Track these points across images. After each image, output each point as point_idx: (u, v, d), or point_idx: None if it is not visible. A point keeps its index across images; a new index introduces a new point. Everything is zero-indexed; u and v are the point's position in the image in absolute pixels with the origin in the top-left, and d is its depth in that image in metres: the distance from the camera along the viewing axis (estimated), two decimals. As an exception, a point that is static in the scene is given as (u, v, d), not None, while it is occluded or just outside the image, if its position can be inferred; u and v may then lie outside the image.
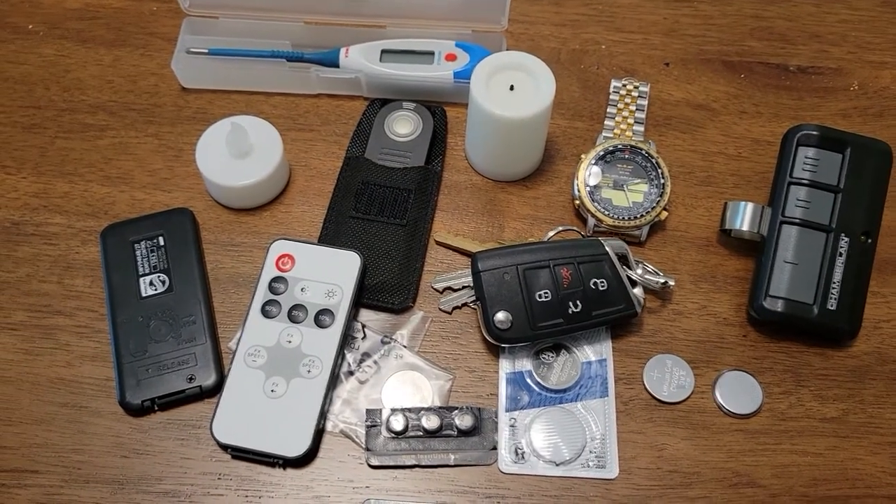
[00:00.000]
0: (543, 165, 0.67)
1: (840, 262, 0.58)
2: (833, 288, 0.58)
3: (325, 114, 0.70)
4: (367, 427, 0.56)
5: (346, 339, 0.59)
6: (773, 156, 0.64)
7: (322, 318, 0.58)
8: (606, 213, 0.63)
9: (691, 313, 0.61)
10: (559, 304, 0.58)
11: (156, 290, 0.60)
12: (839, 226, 0.58)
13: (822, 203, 0.59)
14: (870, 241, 0.59)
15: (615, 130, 0.67)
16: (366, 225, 0.63)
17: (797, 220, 0.59)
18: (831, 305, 0.58)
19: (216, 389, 0.57)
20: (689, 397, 0.58)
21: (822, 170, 0.59)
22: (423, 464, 0.56)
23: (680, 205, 0.66)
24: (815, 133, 0.60)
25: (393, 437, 0.56)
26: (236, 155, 0.63)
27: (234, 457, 0.56)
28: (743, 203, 0.61)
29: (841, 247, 0.58)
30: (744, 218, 0.61)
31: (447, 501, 0.55)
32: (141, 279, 0.61)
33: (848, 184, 0.59)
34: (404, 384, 0.58)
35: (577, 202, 0.63)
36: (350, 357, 0.59)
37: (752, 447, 0.57)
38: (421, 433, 0.56)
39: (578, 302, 0.58)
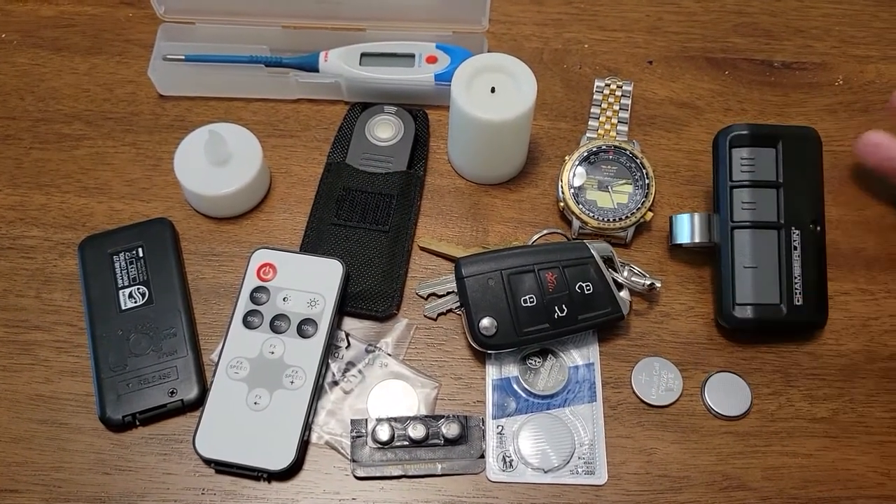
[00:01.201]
0: (527, 168, 0.67)
1: (797, 256, 0.58)
2: (795, 283, 0.57)
3: (305, 119, 0.69)
4: (353, 438, 0.56)
5: (330, 349, 0.58)
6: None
7: (305, 327, 0.57)
8: (591, 214, 0.62)
9: (679, 315, 0.61)
10: (545, 308, 0.57)
11: (135, 302, 0.59)
12: (788, 220, 0.58)
13: (766, 201, 0.59)
14: (819, 228, 0.59)
15: (599, 131, 0.66)
16: (348, 232, 0.62)
17: (747, 223, 0.58)
18: (798, 301, 0.57)
19: (198, 403, 0.56)
20: (677, 400, 0.58)
21: (760, 168, 0.59)
22: (410, 474, 0.55)
23: (665, 205, 0.65)
24: (745, 132, 0.59)
25: (379, 448, 0.55)
26: (215, 163, 0.62)
27: (217, 471, 0.55)
28: (688, 215, 0.61)
29: (794, 240, 0.58)
30: (693, 230, 0.60)
31: (435, 512, 0.54)
32: (120, 292, 0.60)
33: (787, 176, 0.59)
34: (390, 393, 0.58)
35: (562, 204, 0.63)
36: (334, 367, 0.58)
37: (741, 449, 0.56)
38: (407, 443, 0.55)
39: (564, 306, 0.57)
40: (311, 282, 0.59)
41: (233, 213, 0.64)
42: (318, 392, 0.56)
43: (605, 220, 0.62)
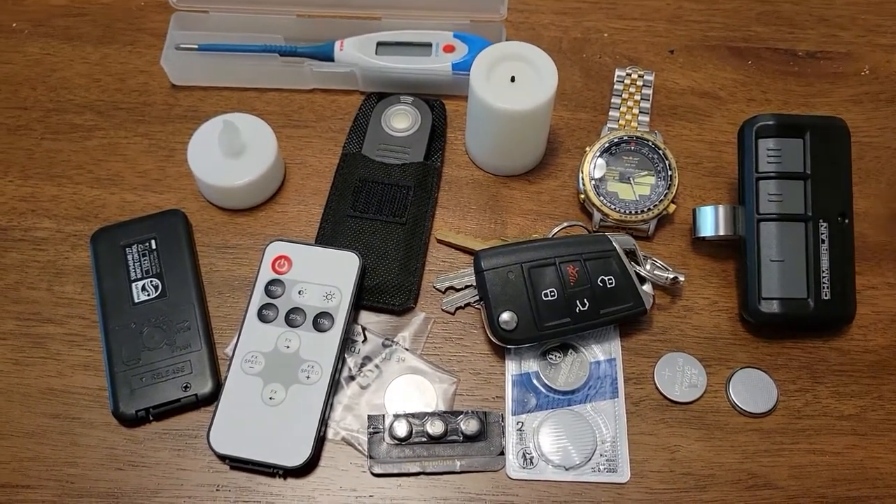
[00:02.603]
0: (546, 159, 0.65)
1: (824, 249, 0.56)
2: (823, 277, 0.56)
3: (320, 109, 0.68)
4: (370, 434, 0.55)
5: (346, 343, 0.57)
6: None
7: (321, 321, 0.56)
8: (612, 207, 0.61)
9: (702, 309, 0.60)
10: (566, 302, 0.56)
11: (148, 295, 0.58)
12: (815, 212, 0.57)
13: (793, 193, 0.57)
14: (847, 221, 0.57)
15: (620, 121, 0.64)
16: (364, 224, 0.61)
17: (774, 216, 0.57)
18: (825, 295, 0.56)
19: (213, 397, 0.55)
20: (701, 396, 0.56)
21: (787, 159, 0.57)
22: (428, 471, 0.54)
23: (688, 197, 0.64)
24: (772, 122, 0.58)
25: (396, 444, 0.54)
26: (229, 154, 0.61)
27: (232, 467, 0.54)
28: (712, 207, 0.59)
29: (822, 233, 0.57)
30: (718, 222, 0.59)
31: (454, 509, 0.53)
32: (133, 284, 0.59)
33: (814, 168, 0.57)
34: (407, 388, 0.57)
35: (582, 196, 0.61)
36: (350, 361, 0.57)
37: (767, 447, 0.55)
38: (425, 439, 0.54)
39: (586, 300, 0.56)
40: (327, 275, 0.58)
41: (247, 205, 0.63)
42: (334, 387, 0.55)
43: (627, 212, 0.60)
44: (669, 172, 0.61)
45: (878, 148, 0.66)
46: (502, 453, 0.54)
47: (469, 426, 0.54)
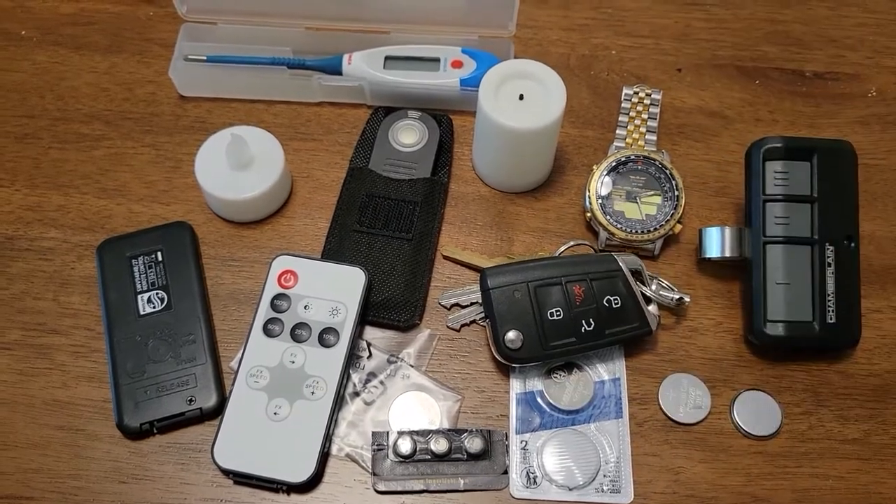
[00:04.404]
0: (553, 176, 0.65)
1: (830, 273, 0.57)
2: (829, 300, 0.56)
3: (327, 123, 0.68)
4: (374, 451, 0.55)
5: (351, 359, 0.57)
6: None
7: (326, 336, 0.56)
8: (619, 226, 0.61)
9: (707, 330, 0.60)
10: (571, 322, 0.56)
11: (154, 307, 0.58)
12: (822, 235, 0.57)
13: (800, 216, 0.57)
14: (853, 244, 0.57)
15: (627, 140, 0.64)
16: (370, 239, 0.61)
17: (780, 238, 0.57)
18: (831, 319, 0.56)
19: (217, 411, 0.55)
20: (705, 418, 0.57)
21: (794, 181, 0.58)
22: (432, 489, 0.54)
23: (694, 217, 0.64)
24: (779, 145, 0.58)
25: (400, 461, 0.54)
26: (236, 167, 0.61)
27: (236, 482, 0.54)
28: (718, 228, 0.59)
29: (828, 257, 0.57)
30: (724, 244, 0.59)
31: (457, 528, 0.53)
32: (139, 296, 0.59)
33: (821, 191, 0.57)
34: (411, 405, 0.57)
35: (589, 215, 0.62)
36: (355, 377, 0.57)
37: (771, 470, 0.55)
38: (429, 457, 0.54)
39: (591, 320, 0.56)
40: (333, 290, 0.58)
41: (254, 218, 0.63)
42: (338, 403, 0.55)
43: (633, 231, 0.60)
44: (676, 192, 0.61)
45: (884, 170, 0.66)
46: (506, 472, 0.54)
47: (473, 444, 0.54)
